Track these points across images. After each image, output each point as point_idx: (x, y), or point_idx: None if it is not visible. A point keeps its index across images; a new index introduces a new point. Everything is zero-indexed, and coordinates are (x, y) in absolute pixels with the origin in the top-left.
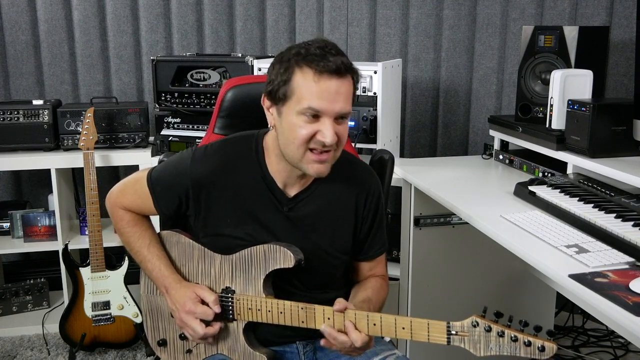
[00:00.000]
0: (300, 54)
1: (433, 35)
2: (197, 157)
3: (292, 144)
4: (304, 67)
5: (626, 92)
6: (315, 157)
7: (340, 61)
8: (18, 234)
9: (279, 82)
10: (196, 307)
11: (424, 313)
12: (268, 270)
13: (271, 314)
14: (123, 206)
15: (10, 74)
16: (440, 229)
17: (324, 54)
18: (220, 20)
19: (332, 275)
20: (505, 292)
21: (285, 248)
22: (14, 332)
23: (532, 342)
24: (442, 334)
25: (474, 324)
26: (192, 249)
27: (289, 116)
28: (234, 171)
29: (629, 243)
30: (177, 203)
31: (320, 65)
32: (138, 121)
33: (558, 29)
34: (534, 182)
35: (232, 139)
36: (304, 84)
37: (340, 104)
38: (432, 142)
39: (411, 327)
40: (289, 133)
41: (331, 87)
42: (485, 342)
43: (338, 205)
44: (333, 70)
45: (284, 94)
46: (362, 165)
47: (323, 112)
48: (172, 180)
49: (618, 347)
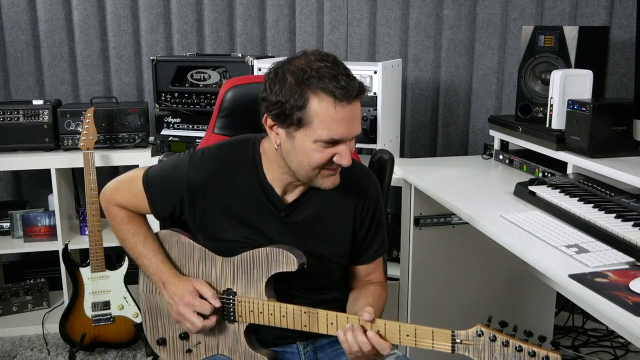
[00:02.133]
0: (312, 76)
1: (433, 35)
2: (193, 162)
3: (307, 167)
4: (320, 94)
5: (626, 92)
6: (330, 172)
7: (358, 85)
8: (18, 234)
9: (292, 107)
10: (195, 300)
11: (424, 313)
12: (270, 273)
13: (273, 317)
14: (117, 203)
15: (10, 74)
16: (440, 229)
17: (336, 77)
18: (220, 20)
19: (331, 278)
20: (505, 292)
21: (288, 251)
22: (14, 332)
23: (537, 352)
24: (446, 342)
25: (478, 333)
26: (193, 250)
27: (303, 142)
28: (230, 176)
29: (629, 243)
30: (171, 208)
31: (338, 94)
32: (138, 121)
33: (558, 29)
34: (534, 182)
35: (229, 143)
36: (323, 113)
37: (356, 127)
38: (432, 142)
39: (415, 334)
40: (302, 157)
41: (350, 115)
42: (490, 352)
43: (336, 209)
44: (352, 97)
45: (299, 120)
46: (360, 168)
47: (343, 139)
48: (167, 184)
49: (618, 347)
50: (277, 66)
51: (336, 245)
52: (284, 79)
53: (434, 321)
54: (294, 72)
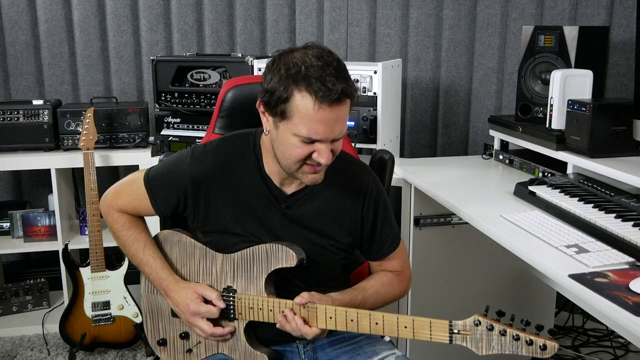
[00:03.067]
0: (300, 72)
1: (433, 35)
2: (195, 156)
3: (288, 159)
4: (304, 92)
5: (626, 92)
6: (311, 169)
7: (340, 89)
8: (18, 234)
9: (277, 99)
10: (199, 307)
11: (424, 313)
12: (270, 270)
13: (273, 313)
14: (118, 208)
15: (10, 74)
16: (440, 229)
17: (323, 77)
18: (220, 20)
19: (331, 273)
20: (505, 292)
21: (287, 247)
22: (14, 332)
23: (534, 340)
24: (444, 333)
25: (476, 323)
26: (194, 248)
27: (285, 133)
28: (233, 169)
29: (629, 243)
30: (175, 202)
31: (320, 94)
32: (138, 121)
33: (558, 29)
34: (534, 182)
35: (230, 137)
36: (303, 111)
37: (337, 130)
38: (432, 142)
39: (413, 325)
40: (284, 148)
41: (330, 117)
42: (487, 341)
43: (335, 204)
44: (333, 100)
45: (282, 112)
46: (359, 164)
47: (320, 140)
48: (170, 179)
49: (618, 347)
50: (277, 55)
51: (335, 239)
52: (278, 69)
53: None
54: (288, 64)
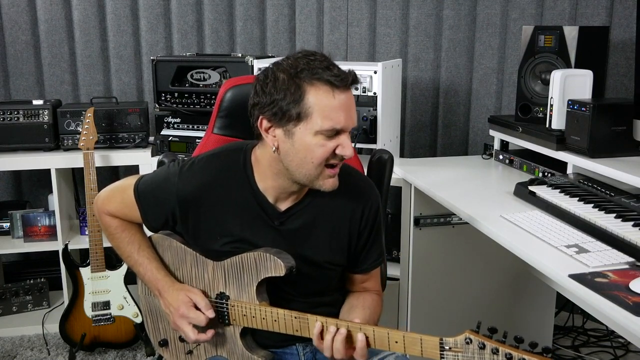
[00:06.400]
0: (304, 69)
1: (433, 35)
2: (183, 174)
3: (310, 164)
4: (316, 84)
5: (626, 92)
6: (331, 172)
7: (350, 72)
8: (18, 234)
9: (289, 102)
10: (189, 312)
11: (424, 313)
12: (260, 278)
13: (265, 321)
14: (109, 212)
15: (10, 74)
16: (440, 229)
17: (329, 67)
18: (220, 20)
19: (329, 283)
20: (505, 293)
21: (275, 256)
22: (14, 332)
23: (527, 359)
24: (435, 350)
25: (467, 341)
26: (185, 254)
27: (304, 136)
28: (222, 187)
29: (629, 243)
30: (164, 220)
31: (334, 80)
32: (138, 121)
33: (558, 29)
34: (534, 182)
35: (218, 153)
36: (322, 102)
37: (354, 116)
38: (432, 142)
39: (404, 341)
40: (305, 153)
41: (347, 102)
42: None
43: (333, 217)
44: (348, 84)
45: (298, 115)
46: (361, 178)
47: (344, 128)
48: (158, 198)
49: (618, 347)
50: (265, 70)
51: (331, 253)
52: (276, 77)
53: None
54: (285, 69)
